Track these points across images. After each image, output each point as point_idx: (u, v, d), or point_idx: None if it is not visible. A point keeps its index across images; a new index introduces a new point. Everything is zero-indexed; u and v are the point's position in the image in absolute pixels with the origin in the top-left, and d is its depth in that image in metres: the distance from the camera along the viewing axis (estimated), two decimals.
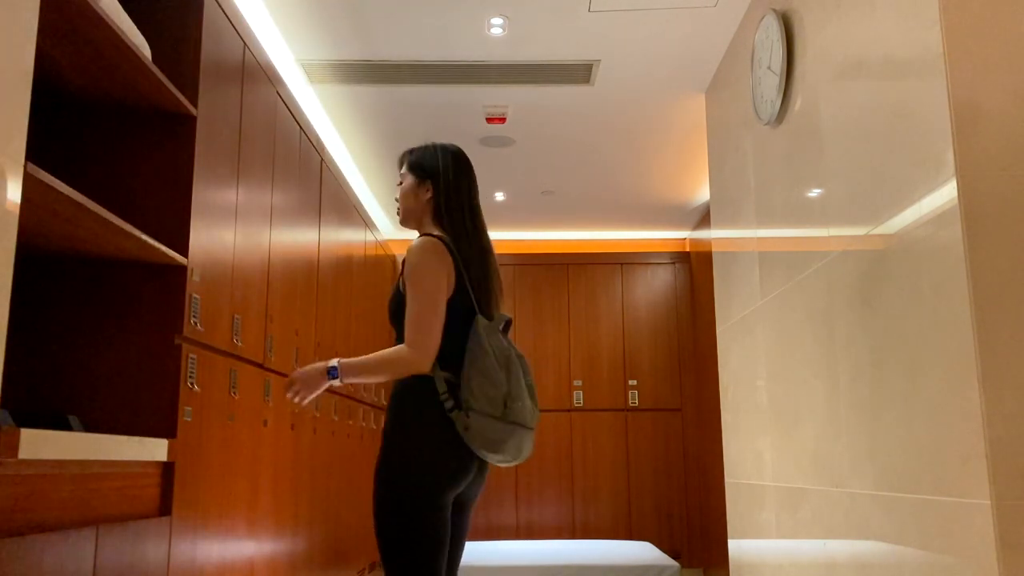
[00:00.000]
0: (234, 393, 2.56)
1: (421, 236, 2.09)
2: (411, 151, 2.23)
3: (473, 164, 2.23)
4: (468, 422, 1.96)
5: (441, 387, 1.99)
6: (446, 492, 1.97)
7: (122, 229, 1.81)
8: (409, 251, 2.05)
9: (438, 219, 2.15)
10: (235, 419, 2.57)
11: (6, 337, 1.31)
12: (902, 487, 1.88)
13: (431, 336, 1.98)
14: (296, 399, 2.05)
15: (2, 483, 1.43)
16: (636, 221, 5.98)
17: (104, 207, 1.76)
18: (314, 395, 2.06)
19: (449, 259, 2.06)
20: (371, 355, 2.02)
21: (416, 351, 1.97)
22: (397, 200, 2.22)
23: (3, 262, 1.31)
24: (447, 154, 2.19)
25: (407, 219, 2.21)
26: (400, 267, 2.10)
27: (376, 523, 1.96)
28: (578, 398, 6.02)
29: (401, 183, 2.21)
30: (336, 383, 2.03)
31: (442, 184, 2.16)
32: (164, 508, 2.04)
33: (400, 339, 2.06)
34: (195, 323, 2.21)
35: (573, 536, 5.89)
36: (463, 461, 2.00)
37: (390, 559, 1.94)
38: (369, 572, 4.76)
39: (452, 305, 2.06)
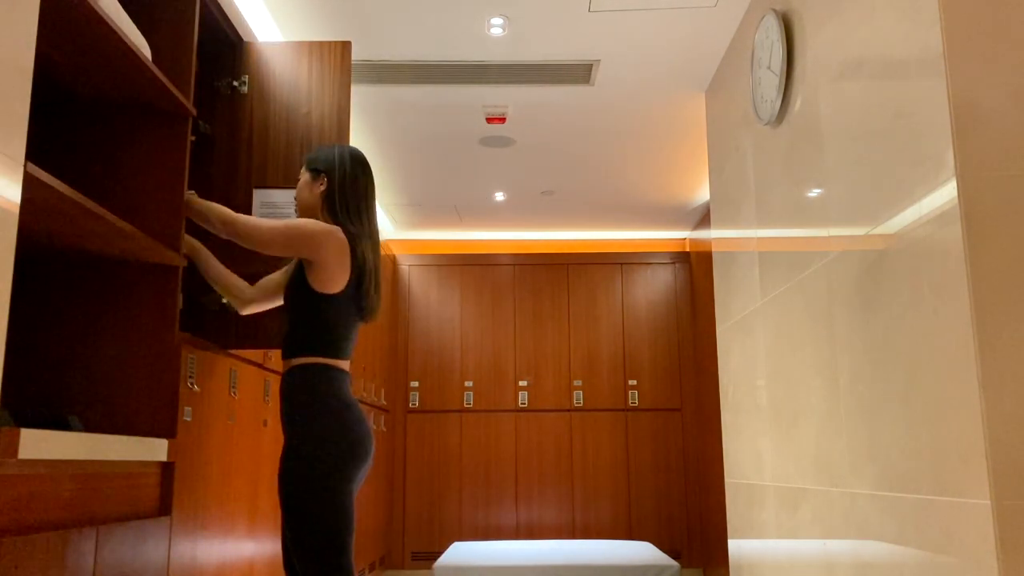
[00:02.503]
0: (234, 393, 2.56)
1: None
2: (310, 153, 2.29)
3: (473, 164, 2.23)
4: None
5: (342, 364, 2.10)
6: (359, 467, 2.03)
7: (122, 229, 1.81)
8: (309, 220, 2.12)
9: (331, 213, 2.18)
10: (235, 419, 2.57)
11: (6, 337, 1.31)
12: (902, 487, 1.88)
13: (261, 241, 2.10)
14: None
15: (2, 483, 1.43)
16: (636, 221, 5.98)
17: (104, 207, 1.76)
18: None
19: (348, 252, 2.10)
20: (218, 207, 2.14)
21: (253, 231, 2.09)
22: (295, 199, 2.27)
23: (3, 262, 1.31)
24: (344, 151, 2.23)
25: (302, 215, 2.23)
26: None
27: (287, 505, 1.98)
28: (578, 398, 6.01)
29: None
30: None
31: (337, 178, 2.18)
32: (164, 508, 2.04)
33: (293, 322, 2.11)
34: None
35: (573, 536, 5.89)
36: (366, 435, 2.07)
37: (304, 540, 1.96)
38: (369, 572, 4.76)
39: (345, 299, 2.10)
